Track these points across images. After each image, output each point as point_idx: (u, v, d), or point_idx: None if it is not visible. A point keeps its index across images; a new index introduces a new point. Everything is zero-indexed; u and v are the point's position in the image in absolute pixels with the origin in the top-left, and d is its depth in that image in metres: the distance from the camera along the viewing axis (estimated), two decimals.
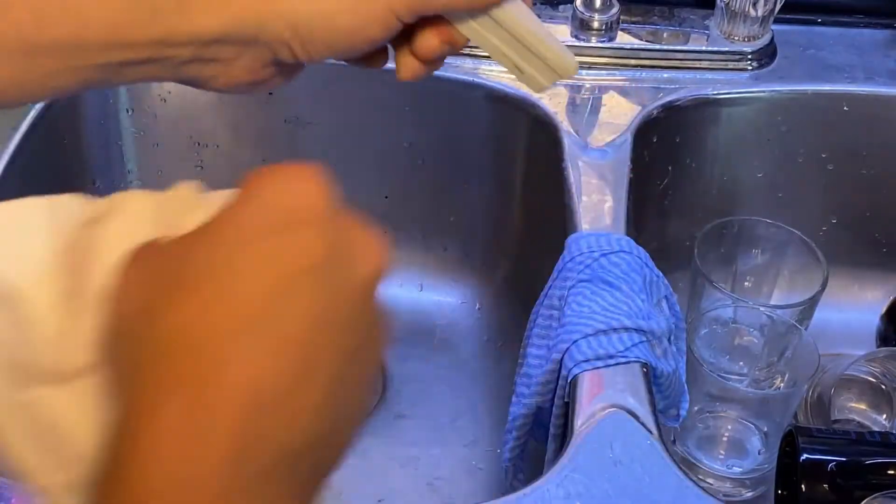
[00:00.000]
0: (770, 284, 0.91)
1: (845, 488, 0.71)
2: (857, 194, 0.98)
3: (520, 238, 1.01)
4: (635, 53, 0.96)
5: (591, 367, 0.70)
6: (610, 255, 0.76)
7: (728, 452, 0.83)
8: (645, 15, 0.99)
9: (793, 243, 0.89)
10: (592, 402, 0.69)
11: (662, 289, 0.78)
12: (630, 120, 0.91)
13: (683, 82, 0.95)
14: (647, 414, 0.69)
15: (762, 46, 0.96)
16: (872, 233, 1.00)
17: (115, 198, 0.38)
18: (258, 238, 0.32)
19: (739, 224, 0.90)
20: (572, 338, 0.72)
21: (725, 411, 0.83)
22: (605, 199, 0.84)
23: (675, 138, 0.95)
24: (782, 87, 0.95)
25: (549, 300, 0.77)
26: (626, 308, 0.73)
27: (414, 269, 1.04)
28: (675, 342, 0.78)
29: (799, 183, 0.98)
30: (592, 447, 0.67)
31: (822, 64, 0.97)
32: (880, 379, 0.88)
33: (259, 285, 0.31)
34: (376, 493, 0.89)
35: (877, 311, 0.93)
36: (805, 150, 0.97)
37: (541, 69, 0.54)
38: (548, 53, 0.53)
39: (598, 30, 0.95)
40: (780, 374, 0.84)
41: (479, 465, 0.92)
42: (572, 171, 0.86)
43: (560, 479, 0.65)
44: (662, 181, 0.96)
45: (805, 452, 0.72)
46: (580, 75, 0.95)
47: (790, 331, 0.82)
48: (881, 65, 0.97)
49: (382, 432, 0.94)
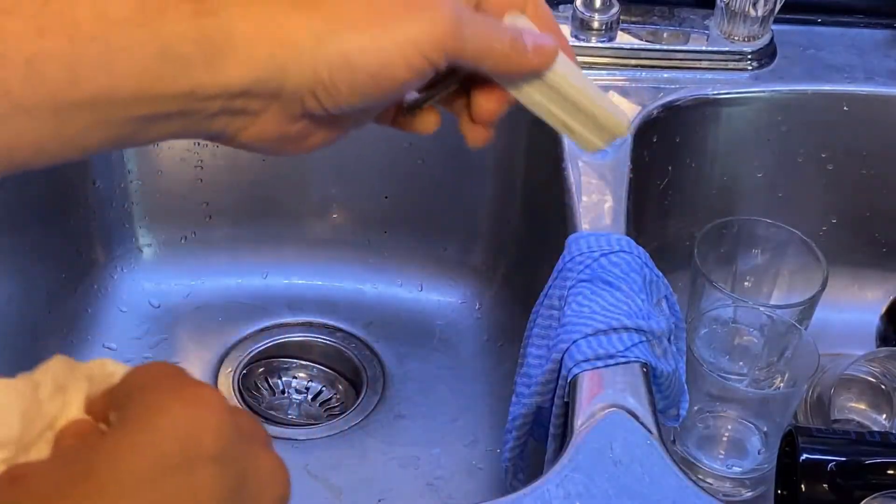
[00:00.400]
0: (770, 284, 0.91)
1: (845, 488, 0.71)
2: (857, 194, 0.98)
3: (520, 238, 1.01)
4: (635, 53, 0.96)
5: (591, 366, 0.70)
6: (610, 254, 0.76)
7: (728, 452, 0.83)
8: (645, 15, 0.99)
9: (793, 243, 0.89)
10: (592, 401, 0.69)
11: (662, 289, 0.78)
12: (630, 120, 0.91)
13: (683, 82, 0.95)
14: (646, 414, 0.69)
15: (762, 46, 0.96)
16: (872, 233, 1.00)
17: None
18: (153, 480, 0.33)
19: (739, 224, 0.90)
20: (572, 338, 0.72)
21: (725, 411, 0.83)
22: (605, 199, 0.84)
23: (675, 138, 0.95)
24: (782, 87, 0.95)
25: (549, 300, 0.77)
26: (626, 308, 0.73)
27: (414, 269, 1.04)
28: (675, 342, 0.78)
29: (799, 183, 0.98)
30: (592, 447, 0.67)
31: (822, 64, 0.97)
32: (880, 379, 0.88)
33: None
34: (376, 493, 0.89)
35: (877, 311, 0.93)
36: (805, 150, 0.97)
37: (592, 129, 0.52)
38: (598, 112, 0.51)
39: (598, 30, 0.95)
40: (780, 374, 0.84)
41: (479, 465, 0.92)
42: (572, 171, 0.86)
43: (560, 479, 0.65)
44: (662, 181, 0.96)
45: (805, 452, 0.72)
46: None
47: (790, 331, 0.82)
48: (881, 65, 0.97)
49: (382, 432, 0.94)
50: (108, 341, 0.98)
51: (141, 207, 1.02)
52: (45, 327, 0.95)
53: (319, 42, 0.46)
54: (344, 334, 1.01)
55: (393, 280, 1.04)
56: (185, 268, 1.04)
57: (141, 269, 1.03)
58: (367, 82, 0.47)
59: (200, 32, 0.45)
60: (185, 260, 1.04)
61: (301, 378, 0.99)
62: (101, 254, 1.02)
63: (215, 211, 1.03)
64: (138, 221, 1.03)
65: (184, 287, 1.03)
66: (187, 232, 1.04)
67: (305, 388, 0.99)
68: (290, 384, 0.99)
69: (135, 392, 0.37)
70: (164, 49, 0.44)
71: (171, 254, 1.04)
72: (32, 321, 0.94)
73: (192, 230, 1.03)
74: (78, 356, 0.96)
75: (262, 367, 0.99)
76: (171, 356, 0.98)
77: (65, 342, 0.96)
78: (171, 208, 1.03)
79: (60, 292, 0.97)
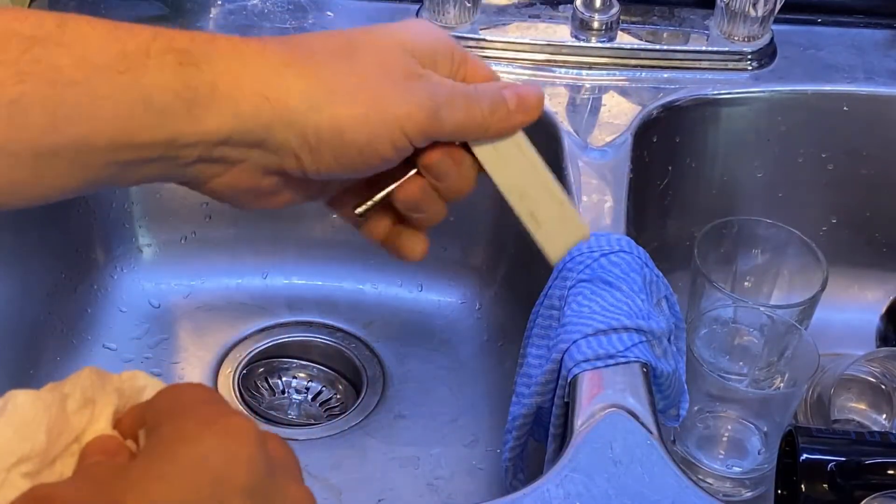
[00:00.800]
0: (770, 284, 0.91)
1: (845, 488, 0.71)
2: (857, 194, 0.98)
3: (520, 238, 1.00)
4: (635, 53, 0.96)
5: (591, 366, 0.70)
6: (610, 255, 0.76)
7: (728, 452, 0.83)
8: (645, 15, 0.99)
9: (793, 243, 0.89)
10: (592, 401, 0.69)
11: (662, 289, 0.78)
12: (630, 120, 0.91)
13: (683, 82, 0.95)
14: (646, 414, 0.69)
15: (762, 46, 0.96)
16: (872, 233, 1.00)
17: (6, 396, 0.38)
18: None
19: (739, 224, 0.90)
20: (572, 338, 0.72)
21: (725, 411, 0.83)
22: (605, 199, 0.84)
23: (675, 138, 0.95)
24: (782, 87, 0.95)
25: (549, 300, 0.77)
26: (626, 308, 0.73)
27: (414, 269, 1.04)
28: (675, 342, 0.78)
29: (799, 183, 0.98)
30: (592, 447, 0.67)
31: (822, 64, 0.97)
32: (880, 379, 0.88)
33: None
34: (376, 493, 0.89)
35: (877, 311, 0.93)
36: (805, 150, 0.97)
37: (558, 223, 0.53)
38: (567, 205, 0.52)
39: (598, 30, 0.96)
40: (780, 374, 0.85)
41: (479, 465, 0.92)
42: (572, 171, 0.86)
43: (560, 478, 0.65)
44: (662, 181, 0.96)
45: (805, 452, 0.72)
46: (580, 75, 0.95)
47: (790, 331, 0.82)
48: (881, 65, 0.97)
49: (382, 432, 0.94)
50: (108, 341, 0.98)
51: (141, 207, 1.02)
52: (45, 327, 0.95)
53: (312, 107, 0.47)
54: (344, 334, 1.01)
55: (393, 280, 1.04)
56: (185, 268, 1.04)
57: (141, 269, 1.03)
58: (353, 155, 0.48)
59: (183, 83, 0.44)
60: (185, 260, 1.04)
61: (301, 378, 0.99)
62: (100, 254, 1.02)
63: (215, 211, 1.03)
64: (138, 221, 1.03)
65: (184, 287, 1.03)
66: (187, 232, 1.04)
67: (305, 389, 0.99)
68: (290, 384, 0.99)
69: (166, 415, 0.37)
70: (146, 98, 0.44)
71: (171, 254, 1.04)
72: (32, 321, 0.94)
73: (192, 230, 1.03)
74: (78, 356, 0.97)
75: (262, 367, 0.99)
76: (171, 356, 0.98)
77: (65, 342, 0.96)
78: (170, 208, 1.03)
79: (60, 292, 0.97)
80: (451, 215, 1.12)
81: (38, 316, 0.95)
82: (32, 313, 0.94)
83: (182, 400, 0.38)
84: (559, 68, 0.96)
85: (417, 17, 0.97)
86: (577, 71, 0.96)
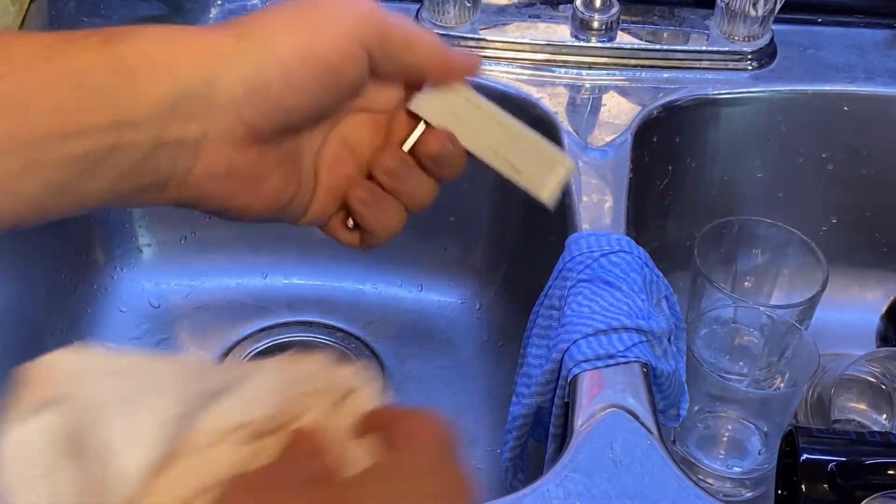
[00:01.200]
0: (770, 284, 0.91)
1: (845, 488, 0.71)
2: (857, 194, 0.98)
3: (520, 238, 1.01)
4: (635, 53, 0.96)
5: (591, 366, 0.70)
6: (610, 255, 0.76)
7: (728, 452, 0.83)
8: (645, 15, 0.99)
9: (793, 243, 0.89)
10: (592, 402, 0.69)
11: (662, 289, 0.78)
12: (630, 120, 0.91)
13: (683, 82, 0.95)
14: (647, 414, 0.69)
15: (762, 46, 0.96)
16: (872, 233, 1.00)
17: (245, 367, 0.39)
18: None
19: (739, 224, 0.90)
20: (572, 338, 0.72)
21: (725, 411, 0.83)
22: (605, 199, 0.84)
23: (675, 138, 0.95)
24: (782, 87, 0.95)
25: (549, 300, 0.77)
26: (626, 308, 0.73)
27: (414, 269, 1.04)
28: (675, 342, 0.78)
29: (799, 183, 0.98)
30: (592, 447, 0.67)
31: (822, 64, 0.97)
32: (880, 379, 0.88)
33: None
34: None
35: (877, 311, 0.93)
36: (805, 150, 0.97)
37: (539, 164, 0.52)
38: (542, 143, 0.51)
39: (598, 30, 0.95)
40: (780, 374, 0.84)
41: (479, 465, 0.92)
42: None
43: (560, 478, 0.65)
44: (662, 181, 0.96)
45: (805, 452, 0.72)
46: (580, 75, 0.95)
47: (790, 331, 0.82)
48: (881, 65, 0.97)
49: None
50: (108, 341, 0.98)
51: (141, 207, 1.02)
52: (45, 327, 0.95)
53: (245, 47, 0.45)
54: (344, 334, 1.01)
55: (393, 280, 1.04)
56: (185, 268, 1.04)
57: (141, 269, 1.03)
58: (299, 70, 0.46)
59: (114, 58, 0.43)
60: (185, 260, 1.04)
61: None
62: (100, 254, 1.02)
63: None
64: (138, 221, 1.03)
65: (184, 287, 1.03)
66: (187, 232, 1.04)
67: None
68: None
69: (399, 443, 0.38)
70: (79, 80, 0.43)
71: (171, 254, 1.04)
72: (32, 321, 0.94)
73: (192, 230, 1.03)
74: None
75: None
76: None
77: (65, 342, 0.95)
78: (170, 208, 1.02)
79: (60, 292, 0.97)
80: (451, 215, 1.12)
81: (38, 316, 0.95)
82: (32, 313, 0.94)
83: (418, 437, 0.39)
84: (559, 68, 0.96)
85: (417, 17, 0.97)
86: (577, 71, 0.96)
